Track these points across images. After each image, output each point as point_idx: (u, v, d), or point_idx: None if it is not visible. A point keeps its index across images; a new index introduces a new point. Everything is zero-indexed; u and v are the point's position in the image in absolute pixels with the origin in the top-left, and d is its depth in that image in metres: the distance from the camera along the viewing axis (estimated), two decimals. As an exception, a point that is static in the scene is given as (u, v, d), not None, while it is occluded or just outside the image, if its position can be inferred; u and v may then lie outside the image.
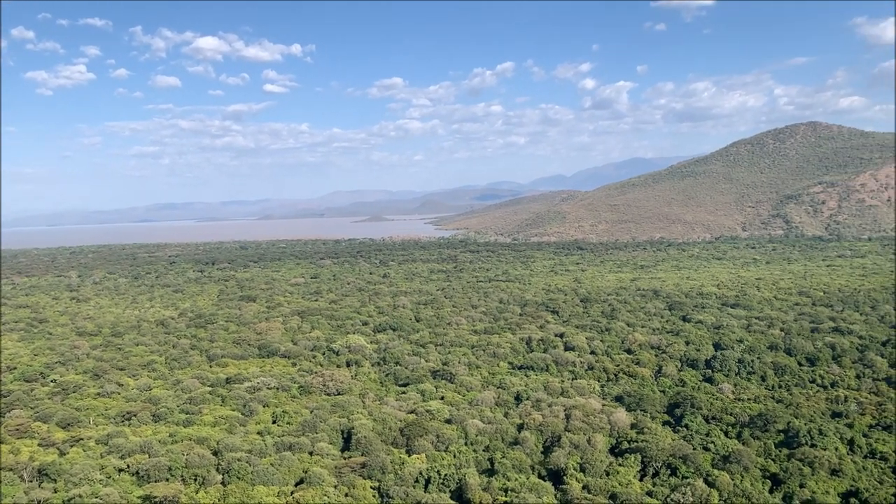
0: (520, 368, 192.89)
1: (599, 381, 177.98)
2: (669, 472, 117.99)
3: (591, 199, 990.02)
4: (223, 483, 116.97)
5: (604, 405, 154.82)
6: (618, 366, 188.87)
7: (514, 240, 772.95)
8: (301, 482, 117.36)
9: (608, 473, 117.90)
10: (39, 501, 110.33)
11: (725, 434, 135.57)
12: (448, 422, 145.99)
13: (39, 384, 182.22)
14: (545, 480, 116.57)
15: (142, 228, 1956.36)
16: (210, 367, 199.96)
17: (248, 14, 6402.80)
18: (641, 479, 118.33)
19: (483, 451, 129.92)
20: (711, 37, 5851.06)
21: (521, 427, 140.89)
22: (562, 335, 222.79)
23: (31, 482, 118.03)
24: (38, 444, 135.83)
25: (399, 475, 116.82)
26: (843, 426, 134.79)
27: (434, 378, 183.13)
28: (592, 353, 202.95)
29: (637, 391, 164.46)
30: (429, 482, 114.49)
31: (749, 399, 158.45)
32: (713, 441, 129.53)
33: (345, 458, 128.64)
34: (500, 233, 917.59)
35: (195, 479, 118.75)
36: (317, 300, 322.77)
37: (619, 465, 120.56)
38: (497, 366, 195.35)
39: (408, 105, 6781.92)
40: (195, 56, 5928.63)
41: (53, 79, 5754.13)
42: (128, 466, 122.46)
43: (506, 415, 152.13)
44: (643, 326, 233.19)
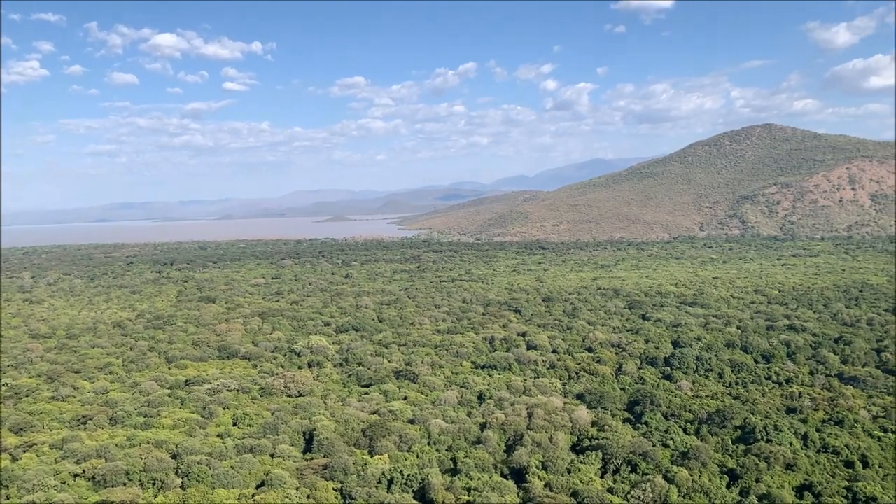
0: (483, 368, 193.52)
1: (561, 380, 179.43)
2: (630, 469, 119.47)
3: (553, 200, 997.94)
4: (182, 487, 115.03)
5: (565, 403, 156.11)
6: (579, 364, 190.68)
7: (477, 240, 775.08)
8: (262, 485, 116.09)
9: (570, 471, 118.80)
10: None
11: (684, 431, 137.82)
12: (411, 422, 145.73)
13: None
14: (508, 479, 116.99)
15: (98, 228, 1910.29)
16: (169, 370, 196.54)
17: (208, 11, 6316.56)
18: (602, 477, 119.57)
19: (446, 451, 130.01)
20: (670, 39, 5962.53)
21: (484, 426, 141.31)
22: (524, 334, 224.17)
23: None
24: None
25: (362, 476, 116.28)
26: (798, 421, 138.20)
27: (397, 378, 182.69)
28: (554, 352, 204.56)
29: (598, 389, 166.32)
30: (391, 482, 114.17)
31: (707, 396, 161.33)
32: (672, 438, 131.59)
33: (307, 460, 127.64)
34: (464, 233, 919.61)
35: (153, 484, 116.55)
36: (278, 301, 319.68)
37: (581, 463, 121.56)
38: (460, 365, 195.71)
39: (370, 104, 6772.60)
40: (153, 53, 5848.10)
41: (5, 75, 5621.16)
42: (83, 471, 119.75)
43: (469, 414, 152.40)
44: (604, 325, 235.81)
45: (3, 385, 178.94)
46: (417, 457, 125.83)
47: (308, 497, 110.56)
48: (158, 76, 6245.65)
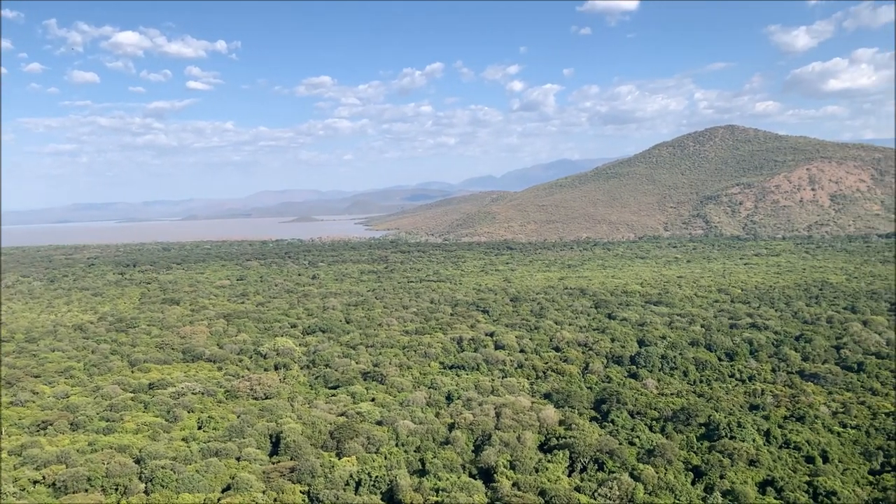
0: (451, 368, 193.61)
1: (529, 379, 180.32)
2: (597, 467, 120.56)
3: (520, 200, 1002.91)
4: (146, 492, 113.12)
5: (533, 403, 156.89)
6: (546, 363, 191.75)
7: (445, 240, 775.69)
8: (228, 488, 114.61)
9: (538, 470, 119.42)
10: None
11: (650, 428, 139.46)
12: (379, 423, 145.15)
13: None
14: (476, 479, 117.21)
15: (59, 229, 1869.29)
16: (132, 373, 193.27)
17: (171, 9, 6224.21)
18: (570, 475, 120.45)
19: (414, 452, 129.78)
20: (635, 41, 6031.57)
21: (452, 426, 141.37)
22: (492, 334, 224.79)
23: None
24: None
25: (329, 478, 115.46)
26: (760, 418, 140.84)
27: (365, 380, 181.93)
28: (522, 352, 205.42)
29: (565, 388, 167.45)
30: (359, 484, 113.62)
31: (672, 394, 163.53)
32: (638, 435, 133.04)
33: (273, 463, 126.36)
34: (431, 233, 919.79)
35: (116, 489, 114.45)
36: (243, 303, 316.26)
37: (549, 462, 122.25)
38: (428, 366, 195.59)
39: (337, 104, 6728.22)
40: (114, 51, 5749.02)
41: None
42: (43, 478, 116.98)
43: (437, 415, 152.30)
44: (571, 324, 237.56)
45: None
46: (385, 458, 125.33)
47: (275, 500, 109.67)
48: (120, 75, 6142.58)
